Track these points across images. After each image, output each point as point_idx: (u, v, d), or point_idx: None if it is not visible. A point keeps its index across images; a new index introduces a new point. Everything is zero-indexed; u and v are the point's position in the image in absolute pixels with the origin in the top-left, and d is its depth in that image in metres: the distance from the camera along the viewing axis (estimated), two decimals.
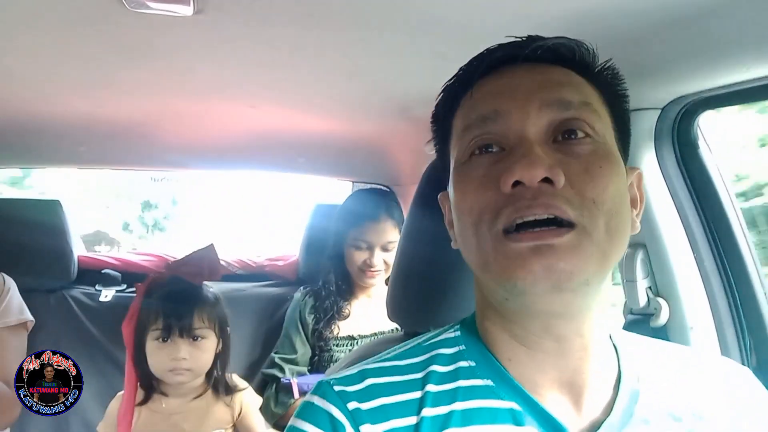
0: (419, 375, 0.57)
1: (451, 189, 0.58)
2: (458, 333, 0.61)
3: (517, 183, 0.50)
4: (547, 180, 0.49)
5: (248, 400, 1.39)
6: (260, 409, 1.47)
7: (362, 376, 0.57)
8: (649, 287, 0.98)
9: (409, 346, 0.62)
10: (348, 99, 1.29)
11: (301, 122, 1.49)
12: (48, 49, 0.97)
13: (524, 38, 0.57)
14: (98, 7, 0.79)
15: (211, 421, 1.33)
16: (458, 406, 0.54)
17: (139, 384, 1.32)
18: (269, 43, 0.93)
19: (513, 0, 0.75)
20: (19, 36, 0.91)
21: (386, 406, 0.54)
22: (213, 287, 1.40)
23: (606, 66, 0.60)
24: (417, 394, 0.55)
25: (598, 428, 0.53)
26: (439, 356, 0.58)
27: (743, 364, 0.92)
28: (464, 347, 0.58)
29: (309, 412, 0.55)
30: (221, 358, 1.35)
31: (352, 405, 0.54)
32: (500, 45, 0.58)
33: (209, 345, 1.31)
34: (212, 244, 1.42)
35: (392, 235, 1.61)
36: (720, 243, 0.94)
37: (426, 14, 0.81)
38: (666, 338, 0.97)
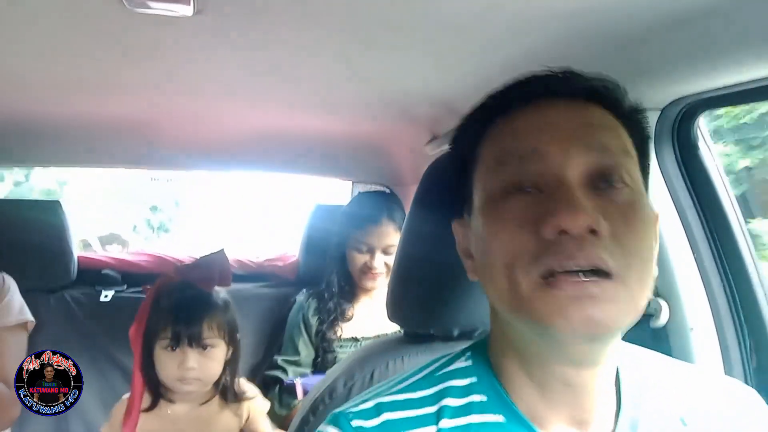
0: (433, 409, 0.57)
1: (478, 224, 0.56)
2: (470, 362, 0.60)
3: (560, 231, 0.49)
4: (590, 229, 0.48)
5: (256, 409, 1.37)
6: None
7: (378, 410, 0.57)
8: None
9: (421, 375, 0.61)
10: (348, 99, 1.29)
11: (301, 122, 1.49)
12: (48, 49, 0.97)
13: (562, 72, 0.56)
14: (98, 7, 0.79)
15: (218, 428, 1.31)
16: None
17: (146, 390, 1.30)
18: (269, 43, 0.93)
19: (513, 1, 0.75)
20: (19, 36, 0.91)
21: None
22: (223, 293, 1.37)
23: (635, 106, 0.58)
24: (432, 429, 0.55)
25: None
26: (452, 388, 0.58)
27: (743, 364, 0.92)
28: (476, 379, 0.58)
29: None
30: (231, 366, 1.32)
31: None
32: (536, 76, 0.56)
33: (219, 354, 1.28)
34: (223, 249, 1.38)
35: (393, 238, 1.61)
36: (720, 243, 0.94)
37: (426, 14, 0.81)
38: (666, 339, 0.97)
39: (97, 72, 1.09)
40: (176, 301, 1.27)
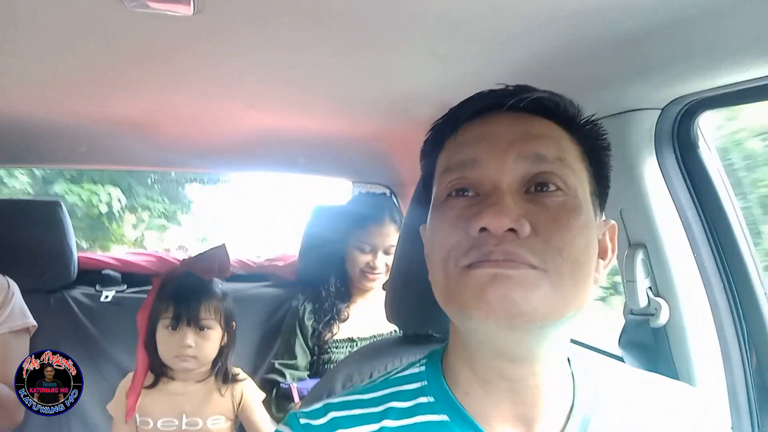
0: (378, 409, 0.61)
1: (428, 225, 0.61)
2: (423, 368, 0.64)
3: (483, 229, 0.52)
4: (511, 230, 0.52)
5: (249, 392, 1.48)
6: None
7: (326, 410, 0.61)
8: (649, 287, 0.98)
9: (377, 381, 0.66)
10: (348, 99, 1.29)
11: (301, 122, 1.49)
12: (48, 49, 0.97)
13: (512, 87, 0.60)
14: (98, 7, 0.79)
15: (211, 406, 1.43)
16: None
17: (150, 369, 1.43)
18: (269, 43, 0.93)
19: (513, 1, 0.75)
20: (19, 36, 0.91)
21: None
22: (221, 285, 1.51)
23: (589, 120, 0.61)
24: (374, 427, 0.59)
25: None
26: (401, 392, 0.62)
27: (743, 364, 0.92)
28: (426, 383, 0.62)
29: None
30: (225, 350, 1.46)
31: None
32: (489, 91, 0.60)
33: (214, 335, 1.41)
34: (224, 244, 1.52)
35: (394, 238, 1.62)
36: (720, 243, 0.94)
37: (426, 14, 0.81)
38: (666, 338, 0.97)
39: (97, 72, 1.09)
40: (179, 287, 1.42)
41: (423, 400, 0.60)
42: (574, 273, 0.52)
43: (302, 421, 0.61)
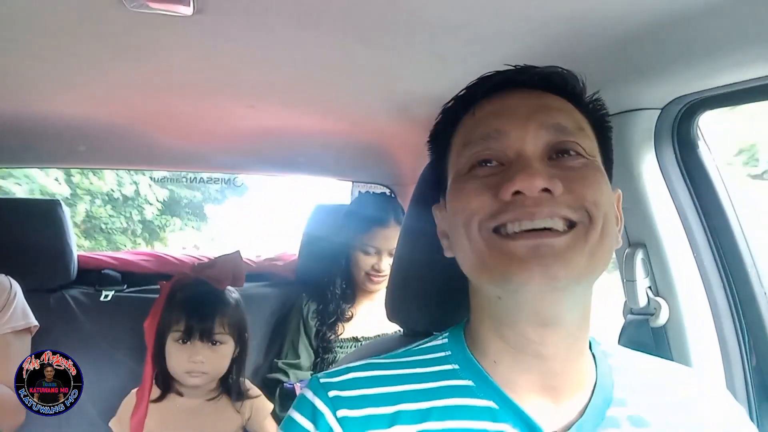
0: (401, 371, 0.61)
1: (448, 198, 0.61)
2: (446, 340, 0.65)
3: (516, 192, 0.53)
4: (545, 190, 0.53)
5: (258, 405, 1.41)
6: None
7: (347, 370, 0.62)
8: (649, 287, 0.98)
9: (400, 350, 0.66)
10: (348, 99, 1.29)
11: (301, 122, 1.49)
12: (48, 49, 0.97)
13: (519, 66, 0.62)
14: (98, 7, 0.79)
15: (221, 424, 1.35)
16: (437, 403, 0.57)
17: (155, 382, 1.35)
18: (269, 43, 0.93)
19: (513, 1, 0.75)
20: (18, 36, 0.91)
21: (365, 396, 0.59)
22: (235, 293, 1.42)
23: (594, 98, 0.64)
24: (397, 388, 0.59)
25: (570, 429, 0.56)
26: (425, 360, 0.62)
27: (743, 363, 0.92)
28: (450, 352, 0.63)
29: (298, 403, 0.61)
30: (237, 363, 1.38)
31: (332, 393, 0.59)
32: (498, 71, 0.62)
33: (227, 350, 1.34)
34: (238, 251, 1.44)
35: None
36: (720, 243, 0.94)
37: (426, 15, 0.81)
38: (666, 338, 0.97)
39: (97, 72, 1.09)
40: (191, 297, 1.33)
41: (447, 367, 0.61)
42: (605, 228, 0.54)
43: (322, 380, 0.61)
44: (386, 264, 1.61)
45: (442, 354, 0.63)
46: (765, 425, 0.90)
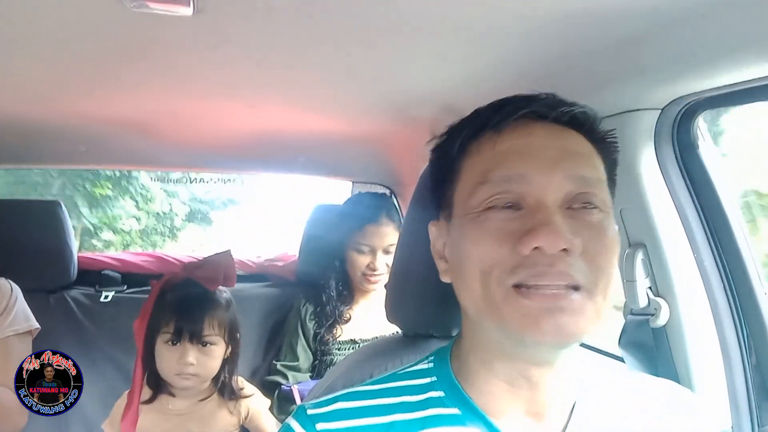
0: (388, 401, 0.61)
1: (458, 232, 0.60)
2: (432, 365, 0.65)
3: (536, 247, 0.53)
4: (563, 249, 0.53)
5: (255, 404, 1.39)
6: None
7: (335, 400, 0.62)
8: (649, 287, 0.98)
9: (387, 374, 0.67)
10: (348, 99, 1.29)
11: (301, 122, 1.49)
12: (47, 49, 0.97)
13: (545, 96, 0.60)
14: (98, 7, 0.79)
15: (216, 424, 1.33)
16: None
17: (146, 383, 1.33)
18: (269, 43, 0.93)
19: (513, 1, 0.75)
20: (18, 36, 0.91)
21: (353, 428, 0.59)
22: (226, 293, 1.40)
23: (608, 133, 0.63)
24: (385, 419, 0.60)
25: None
26: (411, 386, 0.63)
27: (743, 363, 0.92)
28: (436, 378, 0.63)
29: None
30: (229, 364, 1.36)
31: (320, 426, 0.60)
32: (521, 97, 0.60)
33: (218, 351, 1.31)
34: (229, 250, 1.41)
35: (393, 237, 1.61)
36: (720, 243, 0.94)
37: (426, 14, 0.81)
38: (666, 338, 0.97)
39: (97, 72, 1.09)
40: (180, 298, 1.30)
41: (433, 394, 0.61)
42: (608, 287, 0.56)
43: (309, 411, 0.61)
44: (381, 262, 1.61)
45: (428, 380, 0.63)
46: (765, 425, 0.90)
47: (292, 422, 0.61)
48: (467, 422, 0.58)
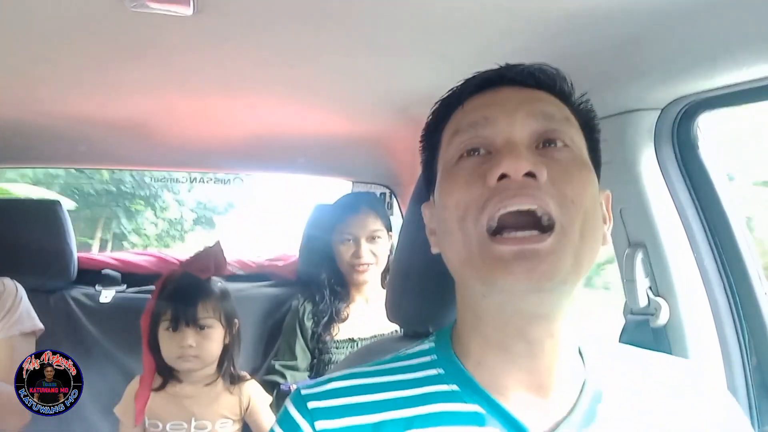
0: (386, 379, 0.61)
1: (437, 192, 0.61)
2: (432, 344, 0.64)
3: (502, 177, 0.53)
4: (530, 175, 0.53)
5: (256, 395, 1.47)
6: None
7: (328, 380, 0.62)
8: (649, 287, 0.98)
9: (388, 356, 0.66)
10: (348, 99, 1.29)
11: (300, 122, 1.49)
12: (48, 49, 0.97)
13: (510, 64, 0.62)
14: (98, 7, 0.79)
15: (219, 408, 1.43)
16: (422, 410, 0.57)
17: (157, 371, 1.44)
18: (269, 43, 0.93)
19: (513, 1, 0.75)
20: (18, 36, 0.91)
21: (346, 406, 0.59)
22: (221, 283, 1.51)
23: (582, 98, 0.64)
24: (380, 396, 0.59)
25: (558, 427, 0.56)
26: (409, 366, 0.62)
27: (743, 363, 0.92)
28: (435, 357, 0.62)
29: (281, 416, 0.62)
30: (230, 349, 1.46)
31: (311, 404, 0.59)
32: (490, 69, 0.63)
33: (215, 334, 1.41)
34: (219, 242, 1.53)
35: (375, 224, 1.65)
36: (720, 243, 0.94)
37: (425, 14, 0.81)
38: (666, 338, 0.97)
39: (97, 72, 1.09)
40: (176, 288, 1.43)
41: (432, 372, 0.60)
42: (586, 227, 0.54)
43: (304, 392, 0.61)
44: (366, 250, 1.63)
45: (428, 358, 0.62)
46: (765, 425, 0.90)
47: (288, 404, 0.61)
48: (466, 399, 0.57)
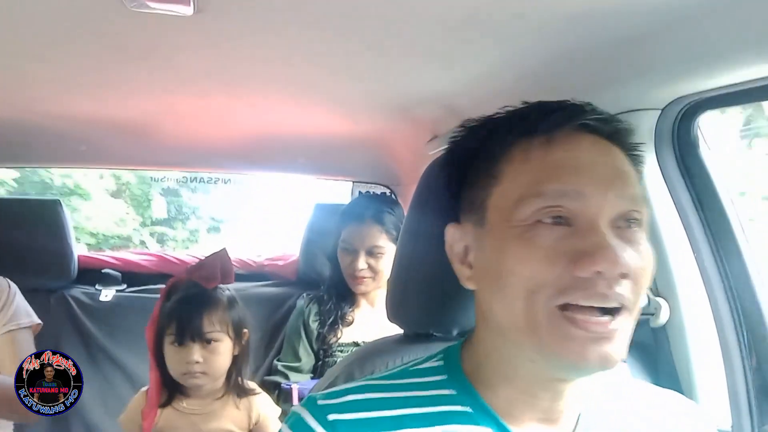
0: (398, 394, 0.60)
1: (497, 242, 0.57)
2: (441, 362, 0.64)
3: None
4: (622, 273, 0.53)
5: (266, 410, 1.40)
6: None
7: (346, 392, 0.61)
8: (649, 287, 0.98)
9: (395, 370, 0.66)
10: (348, 99, 1.29)
11: (301, 122, 1.49)
12: (48, 49, 0.97)
13: (585, 105, 0.58)
14: (98, 7, 0.79)
15: (228, 423, 1.35)
16: (437, 429, 0.57)
17: (162, 385, 1.35)
18: (269, 43, 0.93)
19: (513, 1, 0.75)
20: (18, 36, 0.91)
21: (365, 420, 0.58)
22: (228, 290, 1.41)
23: (639, 146, 0.62)
24: (396, 412, 0.59)
25: None
26: (422, 383, 0.62)
27: (743, 363, 0.92)
28: (446, 377, 0.62)
29: (296, 423, 0.60)
30: (239, 361, 1.37)
31: (332, 416, 0.58)
32: (573, 106, 0.58)
33: (223, 348, 1.32)
34: (225, 249, 1.43)
35: (378, 239, 1.56)
36: (720, 243, 0.94)
37: (427, 16, 0.81)
38: (666, 338, 0.97)
39: (98, 72, 1.09)
40: (180, 299, 1.32)
41: (445, 392, 0.60)
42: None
43: (320, 402, 0.60)
44: (362, 262, 1.56)
45: (438, 378, 0.62)
46: (765, 425, 0.90)
47: (303, 412, 0.59)
48: (479, 421, 0.57)
